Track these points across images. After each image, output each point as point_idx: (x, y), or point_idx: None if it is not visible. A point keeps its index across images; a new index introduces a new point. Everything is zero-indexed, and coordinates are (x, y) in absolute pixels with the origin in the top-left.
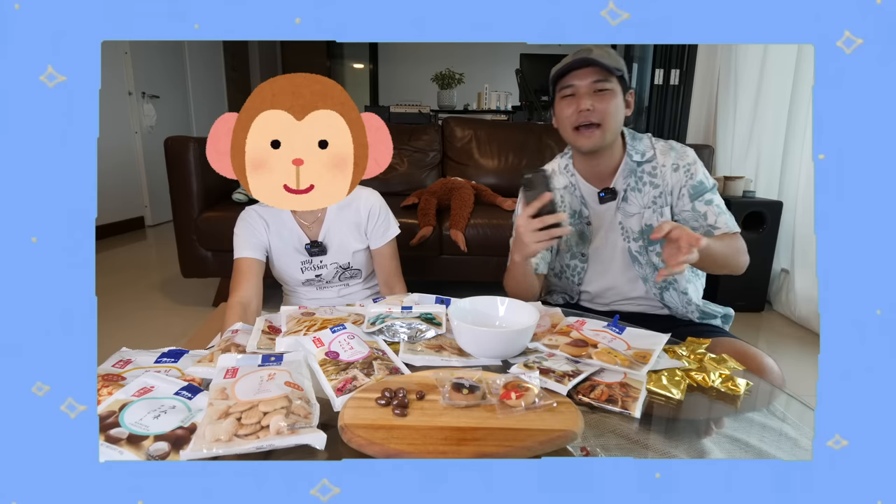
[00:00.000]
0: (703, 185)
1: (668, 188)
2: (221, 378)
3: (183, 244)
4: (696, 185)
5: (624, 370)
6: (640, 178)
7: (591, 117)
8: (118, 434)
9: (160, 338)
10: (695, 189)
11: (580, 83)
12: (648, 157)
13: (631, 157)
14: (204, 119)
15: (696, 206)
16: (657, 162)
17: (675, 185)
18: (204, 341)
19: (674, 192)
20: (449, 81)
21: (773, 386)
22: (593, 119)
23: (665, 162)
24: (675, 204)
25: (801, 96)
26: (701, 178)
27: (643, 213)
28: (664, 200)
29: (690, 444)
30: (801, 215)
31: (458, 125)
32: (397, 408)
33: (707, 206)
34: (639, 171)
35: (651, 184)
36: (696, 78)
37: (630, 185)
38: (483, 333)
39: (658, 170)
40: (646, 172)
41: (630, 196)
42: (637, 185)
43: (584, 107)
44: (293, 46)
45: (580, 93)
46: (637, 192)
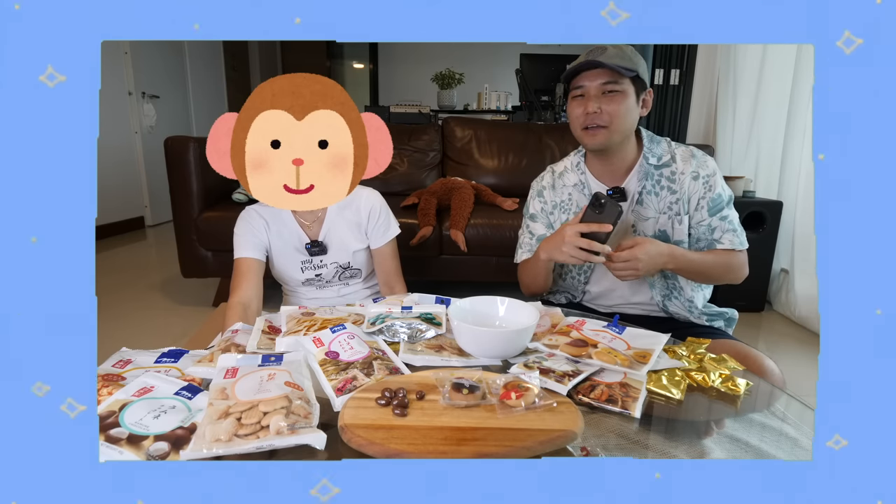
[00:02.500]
0: (721, 199)
1: (686, 196)
2: (221, 378)
3: (183, 244)
4: (714, 199)
5: (624, 370)
6: (658, 182)
7: (597, 119)
8: (118, 434)
9: (160, 338)
10: (713, 202)
11: (589, 84)
12: (666, 161)
13: (647, 159)
14: (204, 119)
15: (713, 223)
16: (676, 168)
17: (693, 195)
18: (204, 341)
19: (691, 201)
20: (449, 81)
21: (773, 386)
22: (600, 122)
23: (685, 169)
24: (691, 214)
25: (800, 96)
26: (719, 190)
27: (658, 218)
28: (681, 208)
29: (690, 444)
30: (801, 215)
31: (458, 125)
32: (397, 408)
33: (720, 222)
34: (656, 174)
35: (669, 189)
36: (696, 78)
37: (646, 187)
38: (483, 333)
39: (677, 176)
40: (664, 177)
41: (646, 199)
42: (654, 188)
43: (592, 109)
44: (293, 46)
45: (589, 94)
46: (654, 196)
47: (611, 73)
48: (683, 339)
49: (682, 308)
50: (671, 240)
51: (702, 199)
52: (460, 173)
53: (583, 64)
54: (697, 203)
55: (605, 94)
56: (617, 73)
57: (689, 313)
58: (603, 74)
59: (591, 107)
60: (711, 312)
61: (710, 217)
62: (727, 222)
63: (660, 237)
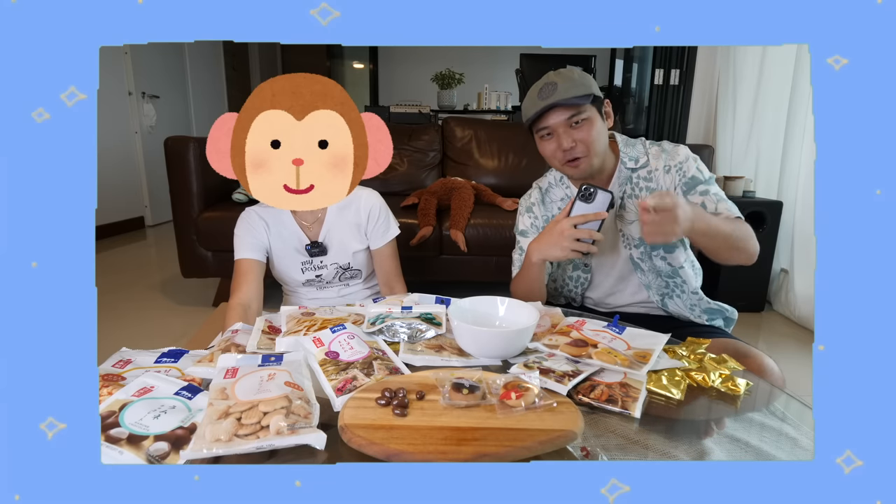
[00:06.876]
0: (696, 179)
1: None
2: (221, 378)
3: (183, 244)
4: (688, 182)
5: (624, 370)
6: (637, 185)
7: (574, 153)
8: (118, 434)
9: (160, 338)
10: (687, 185)
11: (555, 123)
12: (642, 162)
13: (625, 164)
14: (204, 119)
15: (690, 198)
16: (651, 166)
17: (669, 187)
18: (204, 341)
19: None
20: (449, 81)
21: (773, 386)
22: (577, 153)
23: (657, 165)
24: None
25: (800, 96)
26: (693, 173)
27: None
28: None
29: (690, 444)
30: (801, 215)
31: (458, 125)
32: (397, 408)
33: (703, 196)
34: (634, 177)
35: (647, 189)
36: (696, 78)
37: (626, 192)
38: (483, 333)
39: (652, 174)
40: (641, 178)
41: (627, 203)
42: (633, 191)
43: (566, 145)
44: (293, 46)
45: (557, 132)
46: (634, 199)
47: (571, 107)
48: (683, 338)
49: (683, 307)
50: None
51: (677, 188)
52: (460, 173)
53: (542, 109)
54: (675, 192)
55: (572, 126)
56: (577, 106)
57: (689, 312)
58: (564, 111)
59: (565, 143)
60: (711, 309)
61: (688, 195)
62: (712, 195)
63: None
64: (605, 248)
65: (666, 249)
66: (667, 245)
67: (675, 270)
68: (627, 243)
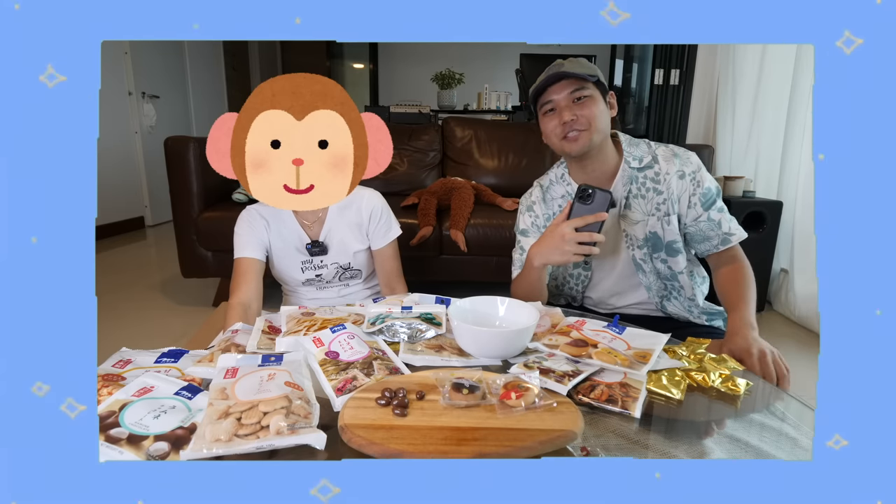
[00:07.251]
0: (711, 192)
1: (674, 196)
2: (221, 378)
3: (183, 244)
4: (705, 193)
5: (624, 370)
6: (643, 185)
7: (575, 126)
8: (118, 434)
9: (160, 338)
10: (705, 197)
11: (558, 97)
12: (647, 163)
13: (629, 163)
14: (204, 119)
15: (711, 216)
16: (660, 168)
17: (682, 193)
18: (204, 341)
19: (681, 200)
20: (449, 81)
21: (773, 386)
22: (578, 126)
23: (669, 169)
24: (683, 213)
25: (800, 96)
26: (708, 184)
27: (647, 220)
28: (669, 208)
29: (690, 444)
30: (801, 215)
31: (458, 125)
32: (397, 408)
33: (720, 214)
34: (640, 177)
35: (655, 190)
36: (696, 78)
37: (632, 191)
38: (483, 333)
39: (662, 176)
40: (649, 179)
41: (633, 203)
42: (640, 191)
43: (567, 118)
44: (293, 46)
45: (560, 106)
46: (640, 199)
47: (576, 80)
48: (683, 339)
49: (682, 308)
50: (662, 240)
51: (693, 196)
52: (460, 173)
53: (548, 78)
54: (689, 201)
55: (575, 102)
56: (582, 80)
57: (688, 313)
58: (569, 84)
59: (567, 116)
60: (711, 311)
61: (705, 211)
62: (725, 213)
63: (651, 239)
64: (606, 249)
65: (668, 253)
66: (669, 249)
67: (675, 274)
68: (630, 244)
